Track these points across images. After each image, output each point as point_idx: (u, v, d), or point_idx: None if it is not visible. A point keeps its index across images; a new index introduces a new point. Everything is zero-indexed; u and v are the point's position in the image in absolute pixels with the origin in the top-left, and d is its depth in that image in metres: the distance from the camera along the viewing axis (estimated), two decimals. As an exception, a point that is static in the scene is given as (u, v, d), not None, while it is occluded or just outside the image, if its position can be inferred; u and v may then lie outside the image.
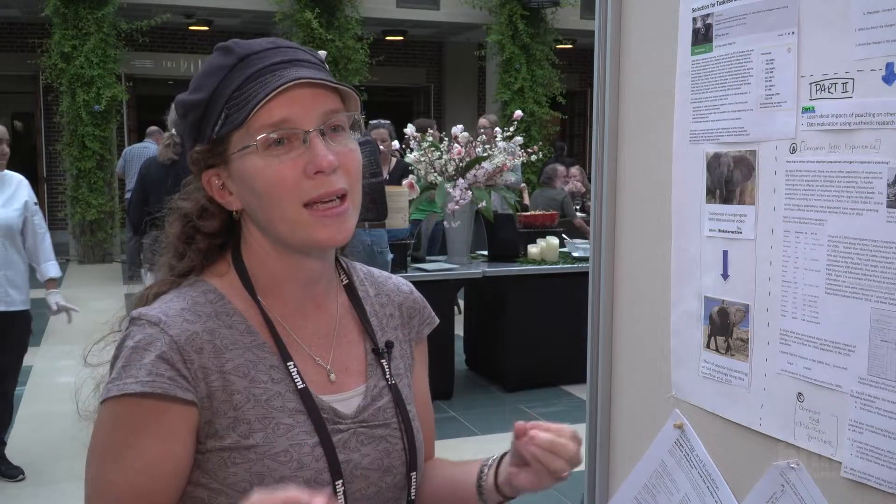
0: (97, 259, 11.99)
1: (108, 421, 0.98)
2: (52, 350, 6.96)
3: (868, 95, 1.00)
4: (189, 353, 0.98)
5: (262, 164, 0.99)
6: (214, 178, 1.05)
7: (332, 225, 1.00)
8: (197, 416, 0.98)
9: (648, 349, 1.40)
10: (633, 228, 1.45)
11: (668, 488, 1.33)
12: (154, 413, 0.96)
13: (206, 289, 1.06)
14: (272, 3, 12.30)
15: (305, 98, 0.99)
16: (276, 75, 0.99)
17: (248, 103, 0.98)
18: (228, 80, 1.01)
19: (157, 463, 0.97)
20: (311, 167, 0.98)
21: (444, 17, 14.30)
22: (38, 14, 11.67)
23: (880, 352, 1.00)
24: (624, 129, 1.45)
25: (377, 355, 1.13)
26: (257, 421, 1.00)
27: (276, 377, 1.03)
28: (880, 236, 0.99)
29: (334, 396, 1.07)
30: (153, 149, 7.67)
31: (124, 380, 0.96)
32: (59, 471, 4.40)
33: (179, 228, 1.09)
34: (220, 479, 0.98)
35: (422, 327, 1.23)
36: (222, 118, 1.01)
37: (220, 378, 1.00)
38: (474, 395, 5.80)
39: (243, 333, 1.04)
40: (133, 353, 0.97)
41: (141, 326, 1.00)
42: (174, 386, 0.96)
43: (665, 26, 1.32)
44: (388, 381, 1.12)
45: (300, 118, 0.99)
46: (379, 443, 1.08)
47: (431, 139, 5.62)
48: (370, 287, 1.20)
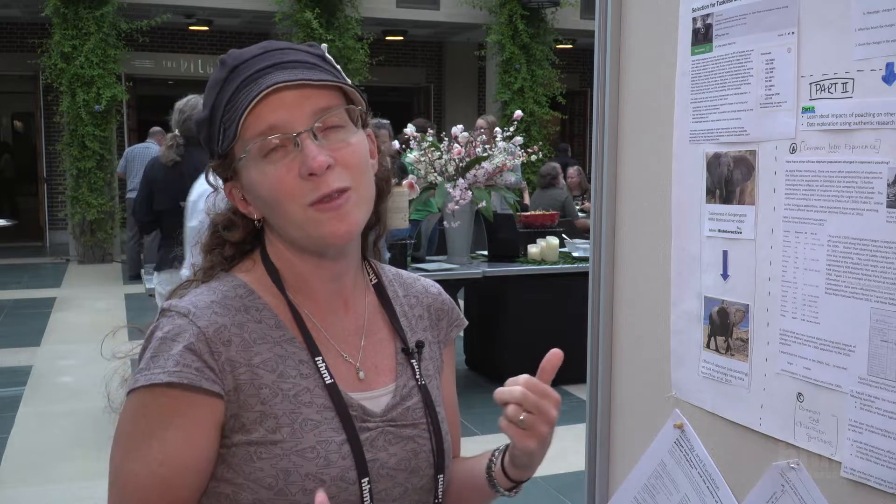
0: (97, 259, 11.99)
1: (134, 411, 0.99)
2: (52, 350, 6.97)
3: (868, 95, 1.00)
4: (217, 345, 0.98)
5: (261, 172, 1.00)
6: (234, 189, 1.07)
7: (335, 218, 1.00)
8: (223, 410, 0.98)
9: (648, 349, 1.40)
10: (633, 228, 1.45)
11: (668, 488, 1.33)
12: (179, 404, 0.96)
13: (236, 283, 1.07)
14: (272, 3, 12.30)
15: (292, 100, 0.98)
16: (258, 83, 0.98)
17: (236, 114, 0.98)
18: (222, 94, 1.02)
19: (178, 454, 0.96)
20: (304, 169, 0.98)
21: (444, 17, 14.30)
22: (38, 14, 11.67)
23: (880, 352, 1.00)
24: (624, 129, 1.46)
25: (407, 355, 1.13)
26: (285, 416, 0.99)
27: (305, 372, 1.03)
28: (880, 236, 0.99)
29: (363, 394, 1.06)
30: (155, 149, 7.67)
31: (153, 370, 0.96)
32: (60, 471, 4.39)
33: (208, 238, 1.12)
34: (246, 473, 0.98)
35: (450, 329, 1.23)
36: (221, 132, 1.02)
37: (248, 371, 0.99)
38: (474, 395, 5.80)
39: (272, 328, 1.04)
40: (162, 344, 0.98)
41: (170, 317, 1.01)
42: (201, 377, 0.96)
43: (665, 26, 1.32)
44: (419, 381, 1.12)
45: (288, 122, 0.98)
46: (407, 443, 1.07)
47: (431, 139, 5.62)
48: (399, 288, 1.20)
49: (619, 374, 1.48)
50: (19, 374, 6.19)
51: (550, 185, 8.71)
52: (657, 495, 1.36)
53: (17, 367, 6.41)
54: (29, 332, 7.60)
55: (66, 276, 11.03)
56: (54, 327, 7.88)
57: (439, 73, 16.95)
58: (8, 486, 4.26)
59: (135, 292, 8.96)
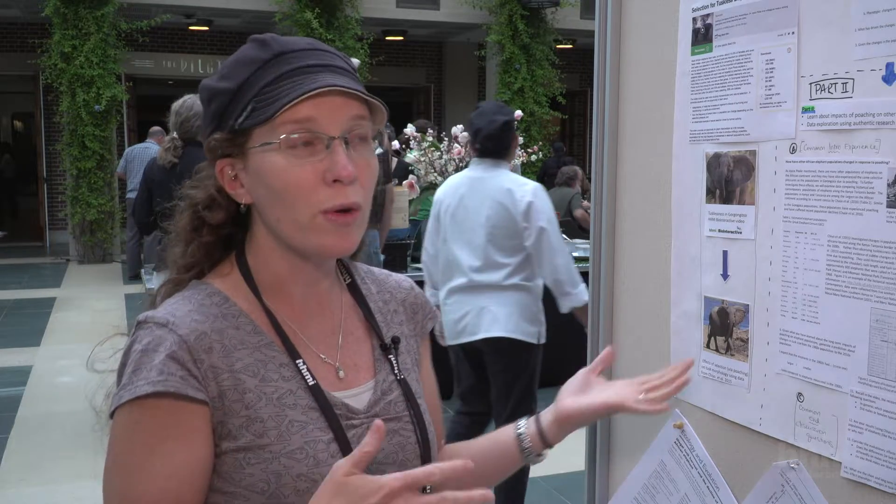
0: (97, 259, 12.00)
1: (126, 429, 0.96)
2: (52, 350, 6.96)
3: (868, 95, 1.00)
4: (199, 352, 0.98)
5: (282, 164, 0.99)
6: (228, 167, 1.04)
7: (341, 233, 1.00)
8: (209, 417, 0.97)
9: (648, 349, 1.40)
10: (633, 228, 1.45)
11: (668, 488, 1.33)
12: (172, 414, 0.95)
13: (211, 291, 1.06)
14: (272, 3, 12.30)
15: (335, 104, 0.99)
16: (311, 78, 0.99)
17: (278, 101, 0.98)
18: (260, 74, 1.01)
19: (186, 465, 0.95)
20: (331, 174, 0.98)
21: (444, 17, 14.31)
22: (38, 14, 11.66)
23: (880, 352, 1.00)
24: (624, 129, 1.46)
25: (384, 351, 1.14)
26: (271, 419, 0.99)
27: (287, 375, 1.02)
28: (880, 236, 0.99)
29: (345, 392, 1.07)
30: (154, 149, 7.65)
31: (136, 383, 0.94)
32: (59, 471, 4.40)
33: (188, 219, 1.08)
34: (237, 481, 0.97)
35: (426, 322, 1.24)
36: (248, 111, 1.00)
37: (231, 377, 0.99)
38: (474, 395, 5.80)
39: (250, 333, 1.03)
40: (143, 357, 0.96)
41: (148, 329, 0.99)
42: (185, 385, 0.95)
43: (665, 26, 1.32)
44: (397, 375, 1.12)
45: (326, 122, 0.99)
46: (392, 436, 1.07)
47: (431, 139, 5.63)
48: (372, 285, 1.21)
49: (619, 374, 1.48)
50: (19, 374, 6.19)
51: (566, 185, 8.64)
52: (657, 495, 1.36)
53: (17, 367, 6.41)
54: (29, 332, 7.60)
55: (66, 276, 11.03)
56: (54, 327, 7.88)
57: (439, 73, 16.95)
58: (8, 486, 4.26)
59: (135, 292, 8.96)
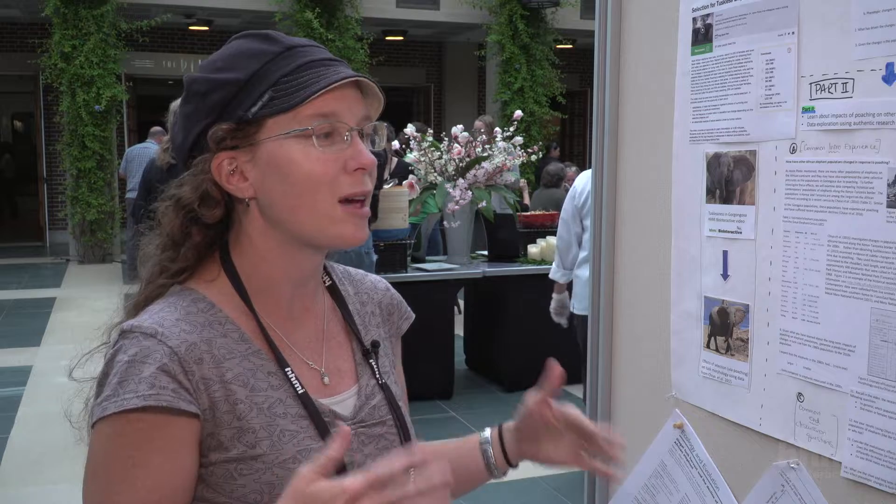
0: (97, 259, 11.99)
1: (108, 441, 0.94)
2: (52, 350, 6.96)
3: (868, 95, 1.00)
4: (189, 364, 0.96)
5: (303, 153, 0.99)
6: (227, 161, 1.01)
7: (358, 224, 1.02)
8: (199, 429, 0.96)
9: (648, 349, 1.40)
10: (633, 228, 1.44)
11: (668, 488, 1.33)
12: (158, 427, 0.93)
13: (196, 297, 1.03)
14: (272, 3, 12.29)
15: (352, 98, 1.03)
16: (333, 70, 1.02)
17: (303, 90, 0.99)
18: (275, 66, 1.01)
19: (168, 478, 0.94)
20: (354, 163, 1.00)
21: (444, 17, 14.30)
22: (38, 14, 11.66)
23: (880, 352, 1.00)
24: (624, 129, 1.46)
25: (365, 355, 1.13)
26: (262, 429, 0.98)
27: (275, 384, 1.02)
28: (880, 236, 0.99)
29: (331, 399, 1.07)
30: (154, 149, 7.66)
31: (123, 396, 0.92)
32: (59, 471, 4.40)
33: (179, 220, 1.04)
34: (228, 492, 0.96)
35: (401, 322, 1.25)
36: (264, 100, 0.99)
37: (222, 388, 0.98)
38: (474, 395, 5.80)
39: (237, 342, 1.02)
40: (129, 368, 0.94)
41: (134, 339, 0.96)
42: (178, 398, 0.93)
43: (665, 26, 1.32)
44: (379, 380, 1.13)
45: (346, 115, 1.01)
46: (378, 441, 1.08)
47: (431, 139, 5.63)
48: (349, 286, 1.21)
49: (619, 374, 1.48)
50: (19, 374, 6.19)
51: (554, 185, 8.67)
52: (657, 495, 1.36)
53: (17, 367, 6.41)
54: (29, 332, 7.59)
55: (66, 276, 11.02)
56: (54, 327, 7.88)
57: (439, 73, 16.95)
58: (8, 486, 4.26)
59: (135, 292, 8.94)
